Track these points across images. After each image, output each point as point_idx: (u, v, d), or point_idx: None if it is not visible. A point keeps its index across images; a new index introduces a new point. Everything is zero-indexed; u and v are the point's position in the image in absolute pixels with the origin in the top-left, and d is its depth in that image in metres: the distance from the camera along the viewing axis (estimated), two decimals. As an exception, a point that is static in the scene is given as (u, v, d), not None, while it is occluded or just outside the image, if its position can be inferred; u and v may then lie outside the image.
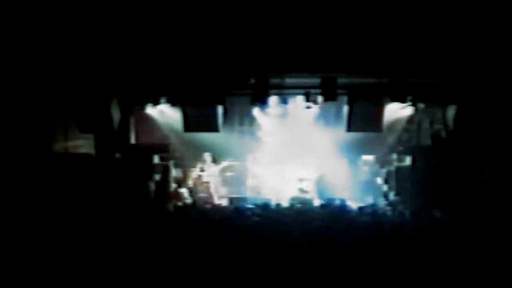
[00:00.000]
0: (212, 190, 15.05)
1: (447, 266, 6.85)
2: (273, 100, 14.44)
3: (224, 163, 15.52)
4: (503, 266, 6.74)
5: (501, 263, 6.80)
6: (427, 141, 15.02)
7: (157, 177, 14.48)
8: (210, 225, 9.07)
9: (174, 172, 15.08)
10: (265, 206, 11.44)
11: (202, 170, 15.22)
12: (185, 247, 7.54)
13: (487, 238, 7.90)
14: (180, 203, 13.86)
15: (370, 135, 14.54)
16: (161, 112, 14.62)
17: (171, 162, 15.03)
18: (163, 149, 14.84)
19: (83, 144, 14.13)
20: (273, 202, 12.35)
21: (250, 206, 11.91)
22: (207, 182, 15.08)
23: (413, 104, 13.92)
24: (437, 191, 12.98)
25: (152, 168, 14.50)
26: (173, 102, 14.05)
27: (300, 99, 14.16)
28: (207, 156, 15.25)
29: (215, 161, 15.39)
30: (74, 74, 12.72)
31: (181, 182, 15.23)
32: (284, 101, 14.54)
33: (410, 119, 15.04)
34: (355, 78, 13.20)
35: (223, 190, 15.31)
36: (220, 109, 13.74)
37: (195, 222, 9.43)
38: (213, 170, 15.28)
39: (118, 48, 12.44)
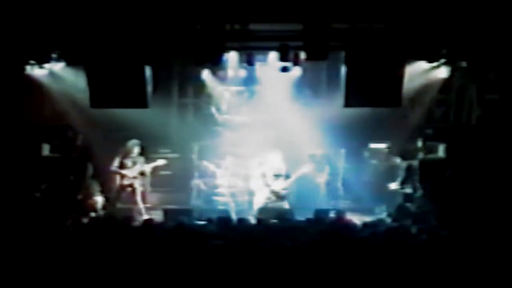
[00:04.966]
0: (137, 197, 12.20)
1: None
2: (231, 58, 12.11)
3: (157, 156, 12.81)
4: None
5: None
6: (473, 120, 12.40)
7: (51, 175, 12.06)
8: (133, 251, 7.00)
9: (88, 171, 12.66)
10: (222, 222, 9.33)
11: (122, 166, 12.24)
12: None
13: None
14: (86, 218, 11.19)
15: (382, 111, 12.14)
16: (54, 76, 12.01)
17: (76, 156, 12.61)
18: (59, 132, 12.54)
19: None
20: (233, 216, 10.56)
21: (198, 222, 9.87)
22: (131, 186, 12.17)
23: (450, 63, 11.61)
24: (482, 196, 10.59)
25: (42, 161, 12.23)
26: (71, 60, 11.67)
27: (272, 57, 11.87)
28: (130, 145, 12.27)
29: (142, 153, 12.45)
30: None
31: (89, 186, 12.51)
32: (248, 60, 11.99)
33: (446, 87, 12.42)
34: (356, 23, 10.80)
35: (155, 198, 12.89)
36: (148, 72, 11.28)
37: (109, 246, 7.29)
38: (139, 166, 12.30)
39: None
